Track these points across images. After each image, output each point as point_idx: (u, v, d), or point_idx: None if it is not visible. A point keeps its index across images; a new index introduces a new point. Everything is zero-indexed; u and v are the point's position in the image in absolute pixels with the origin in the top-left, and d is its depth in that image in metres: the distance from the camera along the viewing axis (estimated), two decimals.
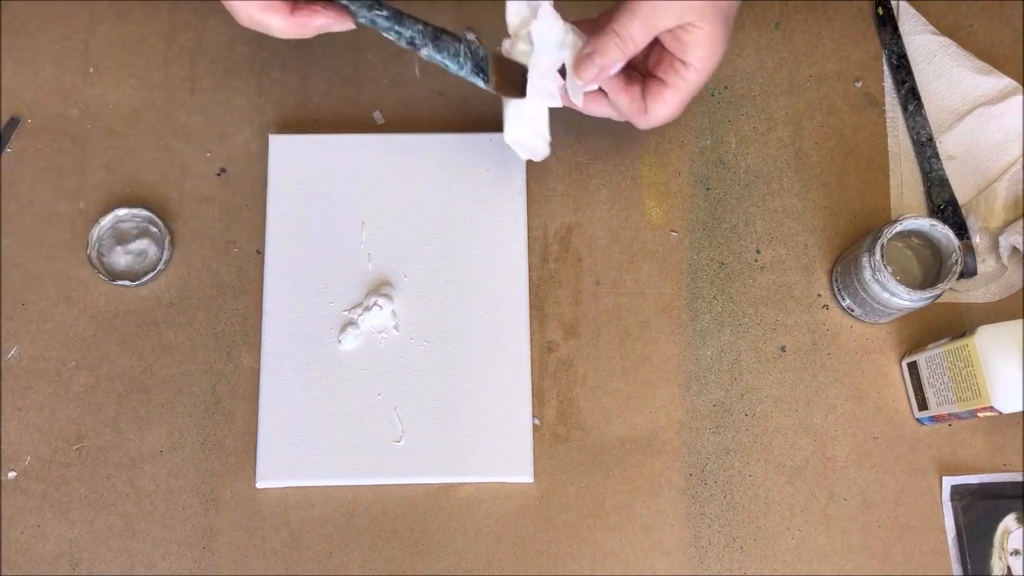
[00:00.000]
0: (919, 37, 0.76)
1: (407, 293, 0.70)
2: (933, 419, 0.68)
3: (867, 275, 0.65)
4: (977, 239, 0.72)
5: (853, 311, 0.70)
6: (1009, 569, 0.67)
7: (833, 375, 0.70)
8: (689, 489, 0.68)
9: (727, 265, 0.73)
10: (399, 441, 0.68)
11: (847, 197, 0.74)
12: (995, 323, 0.61)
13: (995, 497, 0.68)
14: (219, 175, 0.73)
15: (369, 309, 0.69)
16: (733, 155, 0.74)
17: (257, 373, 0.69)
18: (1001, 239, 0.71)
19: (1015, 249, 0.71)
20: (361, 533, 0.67)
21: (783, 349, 0.71)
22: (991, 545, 0.67)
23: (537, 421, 0.69)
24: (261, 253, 0.71)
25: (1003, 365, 0.60)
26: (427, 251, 0.71)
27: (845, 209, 0.74)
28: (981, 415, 0.63)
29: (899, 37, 0.76)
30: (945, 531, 0.68)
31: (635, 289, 0.72)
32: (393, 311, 0.70)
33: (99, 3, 0.76)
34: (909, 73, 0.75)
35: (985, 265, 0.72)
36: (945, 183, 0.73)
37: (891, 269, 0.65)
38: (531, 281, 0.72)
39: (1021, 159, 0.73)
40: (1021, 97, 0.74)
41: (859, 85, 0.76)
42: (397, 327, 0.70)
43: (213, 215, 0.73)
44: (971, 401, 0.62)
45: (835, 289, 0.71)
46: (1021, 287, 0.72)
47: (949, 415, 0.66)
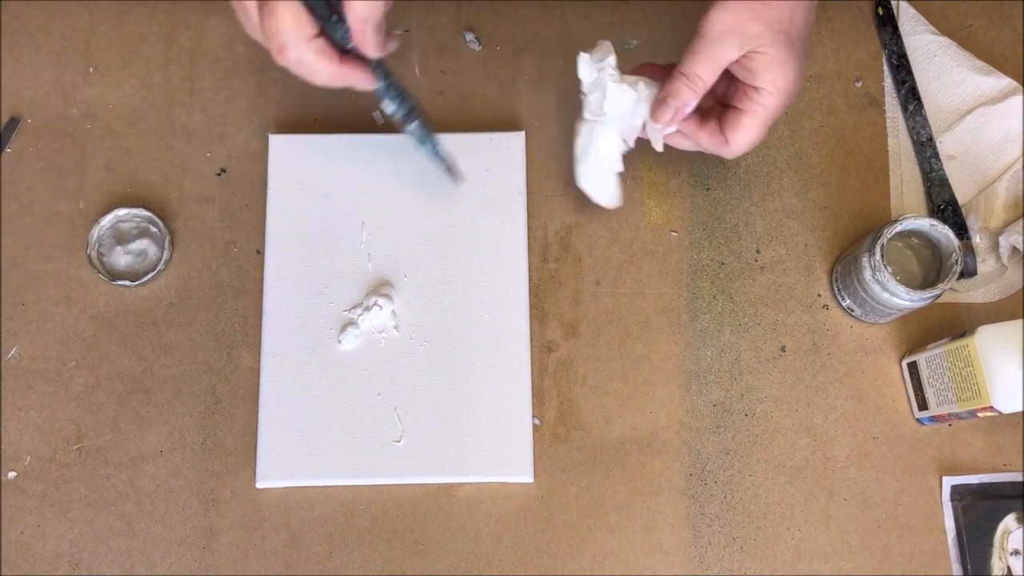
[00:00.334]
0: (919, 37, 0.76)
1: (407, 293, 0.70)
2: (933, 419, 0.68)
3: (867, 275, 0.65)
4: (977, 239, 0.72)
5: (853, 311, 0.70)
6: (1009, 569, 0.67)
7: (833, 375, 0.70)
8: (689, 489, 0.68)
9: (727, 265, 0.72)
10: (399, 441, 0.68)
11: (847, 197, 0.74)
12: (995, 323, 0.61)
13: (995, 497, 0.68)
14: (219, 175, 0.73)
15: (369, 309, 0.69)
16: None
17: (257, 373, 0.69)
18: (1001, 239, 0.71)
19: (1015, 249, 0.71)
20: (361, 533, 0.67)
21: (783, 349, 0.71)
22: (991, 545, 0.67)
23: (537, 421, 0.69)
24: (261, 253, 0.71)
25: (1003, 365, 0.60)
26: (427, 251, 0.71)
27: (845, 209, 0.74)
28: (981, 415, 0.63)
29: (899, 37, 0.76)
30: (945, 531, 0.68)
31: (635, 289, 0.72)
32: (393, 311, 0.70)
33: (99, 3, 0.76)
34: (909, 73, 0.75)
35: (985, 265, 0.72)
36: (945, 183, 0.73)
37: (891, 269, 0.65)
38: (531, 281, 0.71)
39: (1021, 159, 0.73)
40: (1021, 97, 0.74)
41: (859, 85, 0.76)
42: (397, 327, 0.70)
43: (213, 215, 0.73)
44: (971, 401, 0.62)
45: (835, 289, 0.71)
46: (1021, 287, 0.72)
47: (949, 415, 0.66)
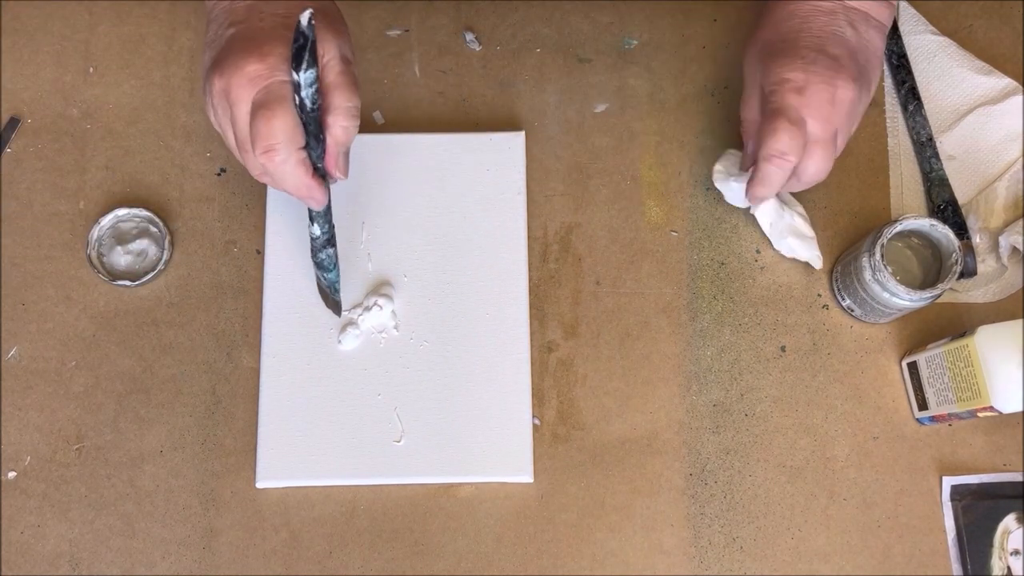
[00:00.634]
0: (919, 37, 0.76)
1: (407, 293, 0.70)
2: (933, 419, 0.68)
3: (867, 275, 0.65)
4: (977, 239, 0.72)
5: (853, 311, 0.70)
6: (1009, 569, 0.67)
7: (833, 375, 0.70)
8: (689, 489, 0.68)
9: (727, 265, 0.72)
10: (399, 441, 0.68)
11: (847, 197, 0.74)
12: (995, 323, 0.61)
13: (995, 497, 0.68)
14: (219, 175, 0.73)
15: (369, 309, 0.69)
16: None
17: (257, 373, 0.69)
18: (1001, 239, 0.71)
19: (1015, 249, 0.71)
20: (361, 533, 0.67)
21: (783, 349, 0.71)
22: (991, 545, 0.67)
23: (537, 421, 0.69)
24: (261, 253, 0.71)
25: (1003, 365, 0.60)
26: (427, 251, 0.71)
27: (845, 209, 0.74)
28: (981, 415, 0.63)
29: (899, 37, 0.76)
30: (945, 531, 0.68)
31: (635, 289, 0.72)
32: (393, 311, 0.70)
33: (99, 3, 0.76)
34: (909, 73, 0.75)
35: (985, 265, 0.72)
36: (945, 183, 0.73)
37: (891, 269, 0.65)
38: (531, 281, 0.71)
39: (1021, 159, 0.73)
40: (1021, 97, 0.74)
41: None
42: (397, 327, 0.70)
43: (213, 215, 0.73)
44: (971, 401, 0.62)
45: (835, 289, 0.71)
46: (1021, 287, 0.72)
47: (949, 415, 0.66)
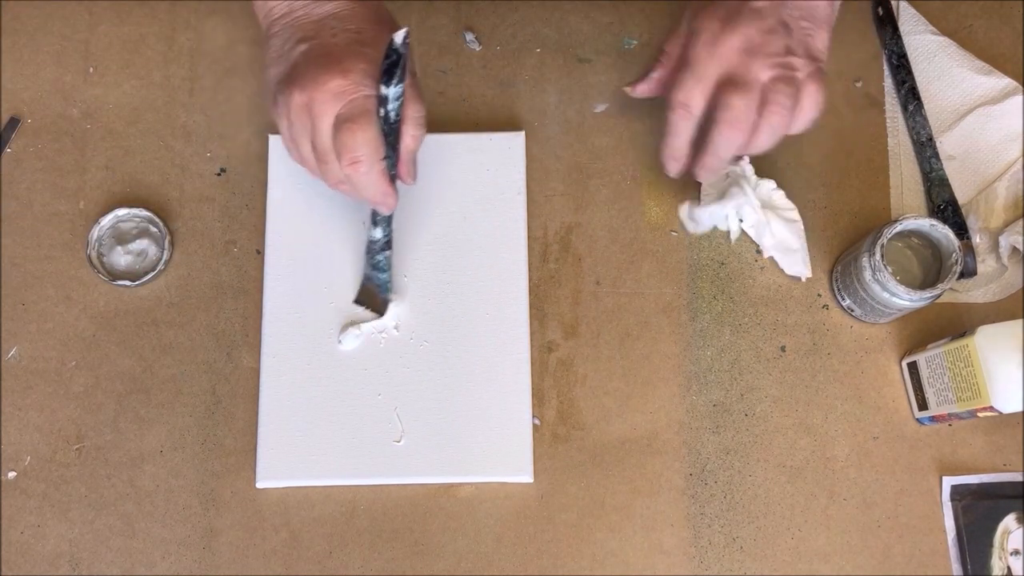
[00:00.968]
0: (919, 37, 0.76)
1: (407, 293, 0.70)
2: (933, 419, 0.68)
3: (867, 275, 0.65)
4: (977, 239, 0.72)
5: (853, 311, 0.70)
6: (1009, 569, 0.67)
7: (833, 375, 0.70)
8: (689, 489, 0.68)
9: (727, 265, 0.72)
10: (399, 441, 0.68)
11: (847, 197, 0.74)
12: (995, 323, 0.61)
13: (995, 497, 0.68)
14: (219, 175, 0.73)
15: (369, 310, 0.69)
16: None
17: (257, 373, 0.69)
18: (1001, 239, 0.71)
19: (1015, 249, 0.71)
20: (361, 533, 0.67)
21: (783, 349, 0.71)
22: (991, 545, 0.67)
23: (537, 421, 0.69)
24: (261, 253, 0.71)
25: (1003, 365, 0.60)
26: (427, 251, 0.71)
27: (845, 209, 0.74)
28: (981, 415, 0.63)
29: (899, 37, 0.76)
30: (945, 531, 0.68)
31: (635, 289, 0.72)
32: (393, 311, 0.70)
33: (99, 3, 0.76)
34: (909, 73, 0.75)
35: (985, 265, 0.72)
36: (945, 183, 0.73)
37: (891, 269, 0.65)
38: (531, 281, 0.71)
39: (1021, 159, 0.73)
40: (1021, 97, 0.74)
41: (859, 85, 0.76)
42: (397, 327, 0.70)
43: (213, 215, 0.73)
44: (971, 401, 0.62)
45: (835, 289, 0.71)
46: (1021, 287, 0.72)
47: (949, 415, 0.66)
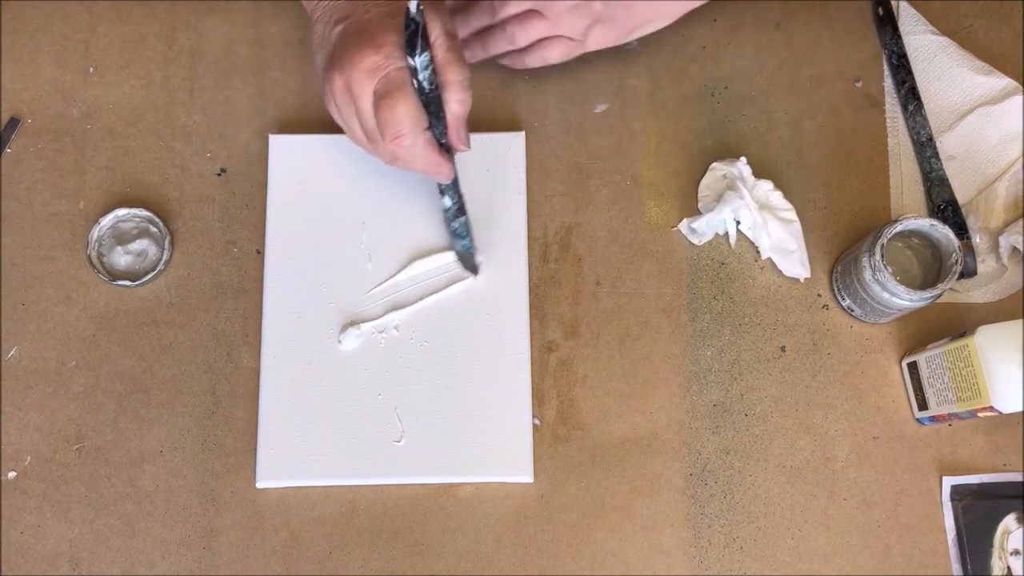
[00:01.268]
0: (919, 37, 0.76)
1: (407, 293, 0.70)
2: (933, 419, 0.68)
3: (867, 275, 0.65)
4: (977, 239, 0.72)
5: (853, 311, 0.70)
6: (1009, 569, 0.67)
7: (833, 375, 0.70)
8: (689, 489, 0.68)
9: (727, 265, 0.72)
10: (399, 441, 0.68)
11: (847, 197, 0.74)
12: (995, 323, 0.61)
13: (995, 497, 0.68)
14: (219, 175, 0.73)
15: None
16: (733, 155, 0.74)
17: (257, 373, 0.69)
18: (1001, 239, 0.71)
19: (1015, 249, 0.71)
20: (361, 533, 0.67)
21: (783, 349, 0.71)
22: (991, 545, 0.67)
23: (537, 421, 0.69)
24: (261, 253, 0.71)
25: (1003, 365, 0.60)
26: (427, 251, 0.71)
27: (845, 209, 0.74)
28: (981, 415, 0.63)
29: (899, 37, 0.76)
30: (945, 531, 0.68)
31: (635, 289, 0.72)
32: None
33: (99, 3, 0.76)
34: (909, 73, 0.75)
35: (985, 265, 0.72)
36: (945, 183, 0.73)
37: (891, 269, 0.65)
38: (531, 281, 0.71)
39: (1021, 159, 0.73)
40: (1021, 97, 0.74)
41: (859, 85, 0.76)
42: (397, 327, 0.70)
43: (213, 215, 0.73)
44: (971, 401, 0.62)
45: (835, 289, 0.71)
46: (1021, 287, 0.72)
47: (949, 415, 0.66)
